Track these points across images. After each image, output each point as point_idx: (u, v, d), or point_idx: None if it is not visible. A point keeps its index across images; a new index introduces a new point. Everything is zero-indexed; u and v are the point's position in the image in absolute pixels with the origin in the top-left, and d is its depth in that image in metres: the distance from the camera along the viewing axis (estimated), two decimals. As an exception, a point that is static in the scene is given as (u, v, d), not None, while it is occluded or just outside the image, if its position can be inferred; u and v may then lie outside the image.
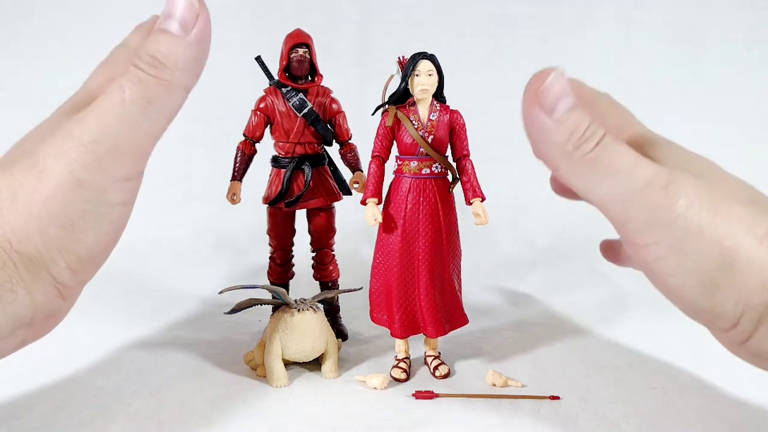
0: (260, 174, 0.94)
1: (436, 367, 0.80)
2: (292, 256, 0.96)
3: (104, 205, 0.40)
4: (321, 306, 0.84)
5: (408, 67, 0.75)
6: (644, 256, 0.41)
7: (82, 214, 0.39)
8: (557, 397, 0.73)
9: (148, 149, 0.41)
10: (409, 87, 0.76)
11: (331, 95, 0.91)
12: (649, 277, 0.44)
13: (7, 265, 0.38)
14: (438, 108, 0.78)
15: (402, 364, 0.80)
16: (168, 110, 0.41)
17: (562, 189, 0.54)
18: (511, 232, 1.42)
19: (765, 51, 1.65)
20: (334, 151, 0.94)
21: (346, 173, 0.94)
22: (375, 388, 0.76)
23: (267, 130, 0.91)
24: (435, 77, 0.76)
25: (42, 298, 0.40)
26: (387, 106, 0.79)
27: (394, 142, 0.79)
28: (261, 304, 0.81)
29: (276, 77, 0.89)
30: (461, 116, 0.79)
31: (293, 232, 0.95)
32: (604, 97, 0.48)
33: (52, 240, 0.38)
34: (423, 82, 0.75)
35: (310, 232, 0.94)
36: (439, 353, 0.83)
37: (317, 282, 0.96)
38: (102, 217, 0.40)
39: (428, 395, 0.74)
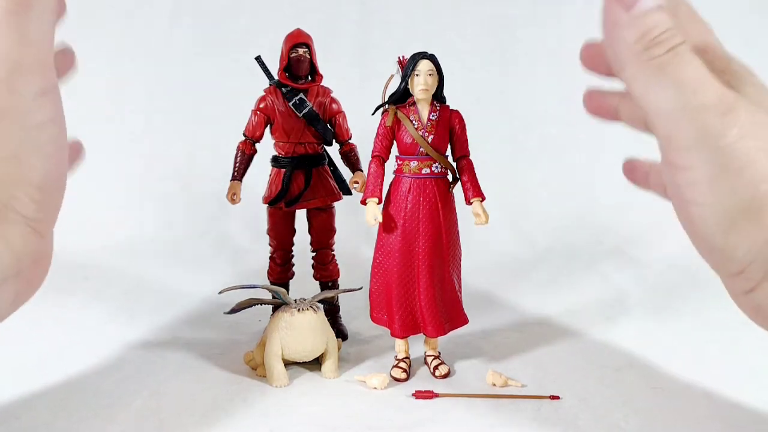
0: (260, 174, 0.94)
1: (436, 367, 0.80)
2: (292, 256, 0.96)
3: (33, 128, 0.38)
4: (321, 306, 0.84)
5: (408, 66, 0.75)
6: (678, 178, 0.40)
7: (17, 142, 0.38)
8: (557, 397, 0.73)
9: (47, 58, 0.39)
10: (409, 87, 0.76)
11: (331, 95, 0.91)
12: (674, 203, 0.43)
13: None
14: (438, 108, 0.78)
15: (402, 364, 0.80)
16: (49, 9, 0.40)
17: (596, 108, 0.51)
18: (511, 232, 1.42)
19: (765, 51, 1.65)
20: (334, 151, 0.94)
21: (346, 173, 0.94)
22: (375, 388, 0.76)
23: (267, 130, 0.91)
24: (435, 77, 0.75)
25: (19, 240, 0.39)
26: (387, 105, 0.79)
27: (394, 141, 0.79)
28: (261, 304, 0.81)
29: (276, 77, 0.89)
30: (461, 116, 0.79)
31: (293, 232, 0.95)
32: (685, 5, 0.46)
33: (1, 178, 0.37)
34: (423, 82, 0.75)
35: (310, 232, 0.94)
36: (439, 353, 0.83)
37: (317, 282, 0.96)
38: (37, 140, 0.38)
39: (428, 395, 0.74)
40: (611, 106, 0.50)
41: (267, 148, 0.92)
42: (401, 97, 0.78)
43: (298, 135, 0.89)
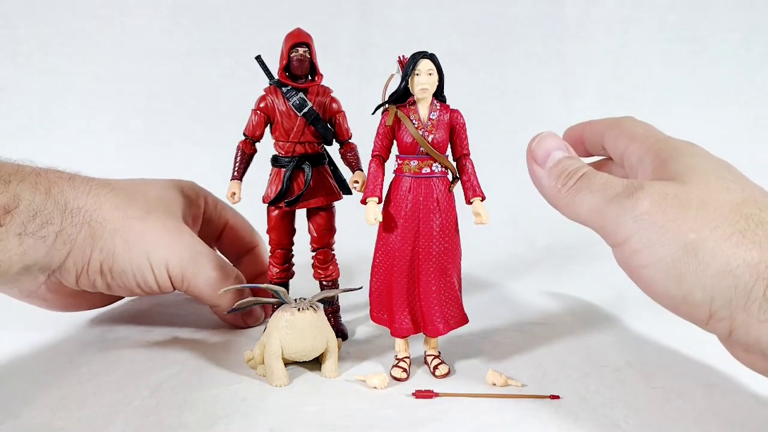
0: (260, 173, 0.94)
1: (436, 367, 0.80)
2: (292, 256, 0.96)
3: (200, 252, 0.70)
4: (321, 305, 0.84)
5: (408, 66, 0.75)
6: (622, 253, 0.49)
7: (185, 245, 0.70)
8: (557, 397, 0.73)
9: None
10: (409, 86, 0.76)
11: (332, 94, 0.91)
12: (631, 277, 0.52)
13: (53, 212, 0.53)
14: (438, 107, 0.78)
15: (402, 364, 0.80)
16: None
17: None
18: (511, 232, 1.42)
19: (765, 51, 1.65)
20: (334, 150, 0.94)
21: (346, 173, 0.94)
22: (375, 387, 0.76)
23: (267, 130, 0.91)
24: (435, 76, 0.75)
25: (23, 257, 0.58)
26: (387, 105, 0.79)
27: (395, 141, 0.79)
28: (261, 304, 0.81)
29: (276, 76, 0.89)
30: (461, 115, 0.79)
31: (293, 231, 0.95)
32: (627, 118, 0.62)
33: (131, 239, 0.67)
34: (423, 82, 0.75)
35: (310, 231, 0.94)
36: (439, 353, 0.83)
37: (317, 282, 0.96)
38: (196, 260, 0.74)
39: (428, 395, 0.74)
40: None
41: (267, 147, 0.92)
42: (401, 97, 0.78)
43: (298, 134, 0.89)
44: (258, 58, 0.91)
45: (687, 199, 0.45)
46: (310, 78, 0.90)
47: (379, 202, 0.78)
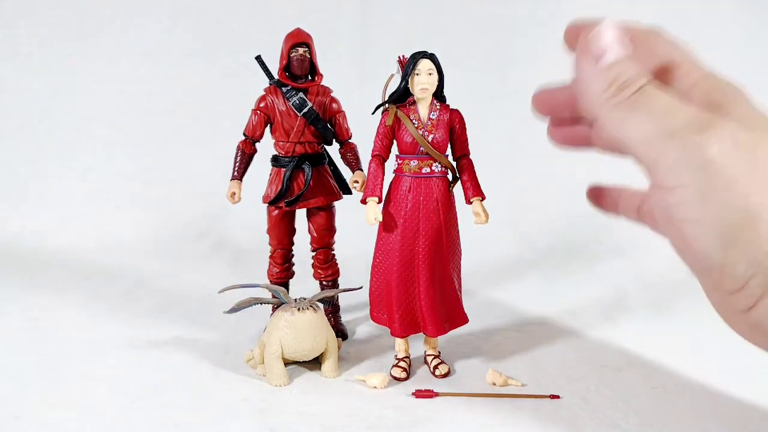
0: (260, 173, 0.94)
1: (436, 367, 0.80)
2: (292, 256, 0.96)
3: None
4: (321, 305, 0.84)
5: (408, 66, 0.75)
6: (668, 199, 0.41)
7: None
8: (557, 397, 0.73)
9: None
10: (410, 86, 0.76)
11: (331, 94, 0.91)
12: (662, 225, 0.43)
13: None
14: (438, 107, 0.78)
15: (402, 363, 0.80)
16: None
17: (566, 138, 0.53)
18: (511, 232, 1.42)
19: (765, 51, 1.65)
20: (334, 150, 0.94)
21: (346, 172, 0.94)
22: (375, 387, 0.76)
23: (267, 130, 0.91)
24: (435, 76, 0.75)
25: None
26: (387, 105, 0.79)
27: (395, 141, 0.79)
28: (261, 304, 0.81)
29: (276, 76, 0.89)
30: (461, 115, 0.79)
31: (293, 231, 0.95)
32: (654, 33, 0.48)
33: None
34: (423, 81, 0.75)
35: (310, 231, 0.94)
36: (439, 352, 0.83)
37: (317, 281, 0.96)
38: None
39: (428, 394, 0.74)
40: (583, 134, 0.52)
41: (267, 147, 0.92)
42: (401, 97, 0.78)
43: (298, 134, 0.89)
44: (258, 58, 0.91)
45: (756, 150, 0.38)
46: (310, 78, 0.90)
47: (379, 201, 0.78)
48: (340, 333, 0.92)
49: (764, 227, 0.38)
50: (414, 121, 0.77)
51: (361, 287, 0.85)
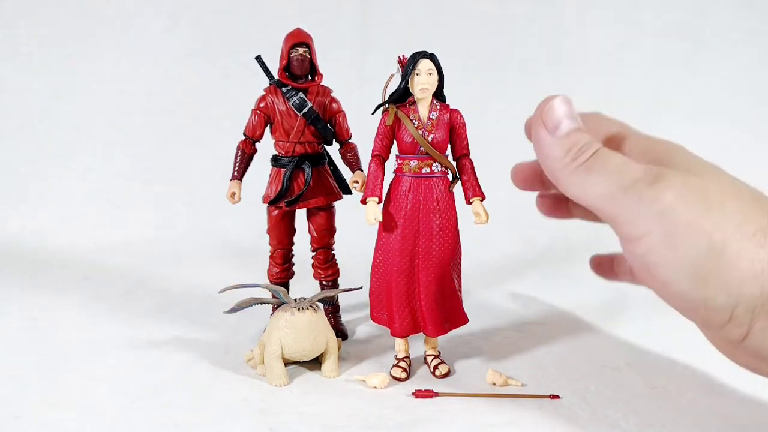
0: (260, 173, 0.94)
1: (436, 367, 0.80)
2: (292, 256, 0.96)
3: None
4: (321, 305, 0.84)
5: (408, 66, 0.75)
6: (637, 249, 0.44)
7: None
8: (557, 397, 0.73)
9: None
10: (409, 86, 0.76)
11: (331, 94, 0.91)
12: (641, 276, 0.46)
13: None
14: (438, 107, 0.78)
15: (402, 364, 0.80)
16: None
17: (550, 210, 0.59)
18: (511, 231, 1.42)
19: (765, 51, 1.65)
20: (334, 150, 0.94)
21: (346, 172, 0.94)
22: (375, 387, 0.76)
23: (267, 130, 0.91)
24: (435, 76, 0.75)
25: None
26: (387, 105, 0.79)
27: (395, 141, 0.79)
28: (261, 303, 0.81)
29: (276, 76, 0.89)
30: (461, 115, 0.79)
31: (293, 231, 0.95)
32: (597, 114, 0.54)
33: None
34: (423, 81, 0.75)
35: (310, 231, 0.94)
36: (439, 352, 0.83)
37: (317, 281, 0.96)
38: None
39: (428, 394, 0.74)
40: (563, 207, 0.60)
41: (267, 147, 0.92)
42: (401, 97, 0.78)
43: (298, 134, 0.89)
44: (258, 58, 0.91)
45: (707, 193, 0.41)
46: (310, 78, 0.90)
47: (379, 201, 0.78)
48: (340, 333, 0.92)
49: (731, 258, 0.40)
50: (414, 121, 0.77)
51: (361, 287, 0.85)
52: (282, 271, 0.95)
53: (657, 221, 0.41)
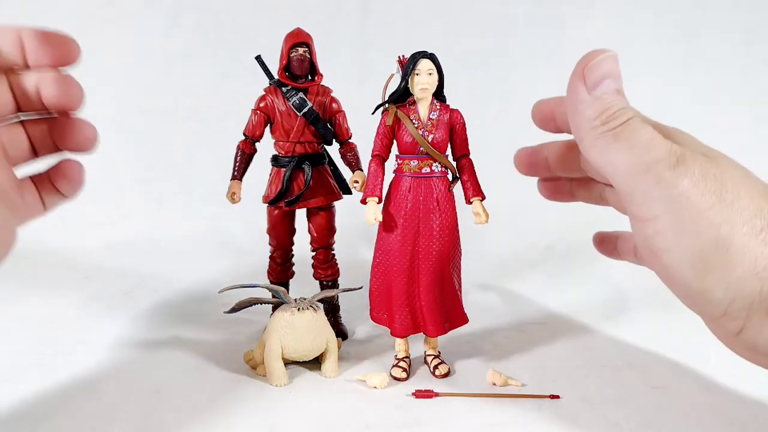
0: (260, 173, 0.94)
1: (436, 367, 0.80)
2: (292, 256, 0.96)
3: None
4: (321, 305, 0.84)
5: (408, 66, 0.75)
6: (645, 230, 0.43)
7: None
8: (557, 397, 0.73)
9: None
10: (409, 86, 0.76)
11: (331, 94, 0.91)
12: (645, 256, 0.46)
13: None
14: (438, 107, 0.78)
15: (402, 364, 0.80)
16: None
17: (553, 193, 0.57)
18: (511, 232, 1.42)
19: (765, 51, 1.65)
20: (334, 150, 0.94)
21: (346, 172, 0.94)
22: (375, 387, 0.76)
23: (267, 130, 0.91)
24: (435, 76, 0.75)
25: None
26: (387, 105, 0.79)
27: (394, 141, 0.79)
28: (261, 303, 0.81)
29: (276, 76, 0.89)
30: (461, 115, 0.79)
31: (293, 231, 0.95)
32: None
33: None
34: (423, 81, 0.75)
35: (310, 231, 0.94)
36: (439, 352, 0.83)
37: (317, 281, 0.96)
38: None
39: (428, 394, 0.74)
40: (566, 190, 0.58)
41: (267, 147, 0.92)
42: (401, 97, 0.78)
43: (298, 134, 0.89)
44: (258, 58, 0.91)
45: (722, 183, 0.40)
46: (310, 78, 0.90)
47: (379, 201, 0.78)
48: (340, 333, 0.92)
49: (734, 254, 0.39)
50: (414, 121, 0.77)
51: (361, 287, 0.85)
52: (282, 271, 0.95)
53: (669, 206, 0.41)
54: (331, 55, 1.09)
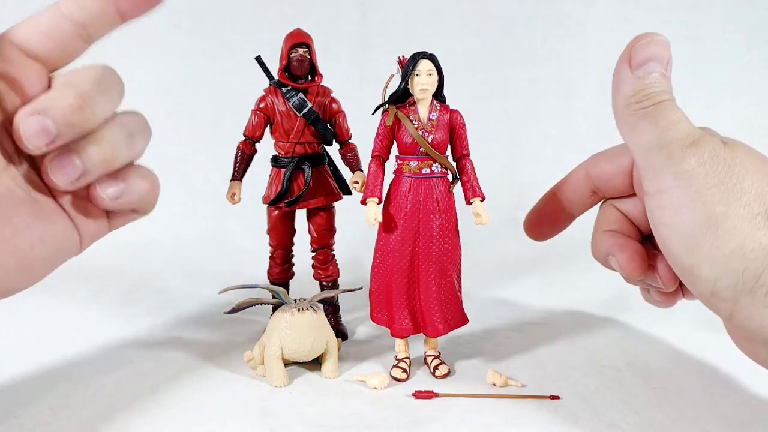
0: (260, 174, 0.94)
1: (436, 367, 0.80)
2: (292, 256, 0.96)
3: None
4: (321, 306, 0.84)
5: (408, 66, 0.75)
6: (650, 202, 0.45)
7: None
8: (557, 397, 0.73)
9: None
10: (409, 86, 0.76)
11: (331, 95, 0.91)
12: (652, 228, 0.47)
13: None
14: (438, 107, 0.78)
15: (402, 364, 0.80)
16: None
17: (643, 264, 0.55)
18: (511, 232, 1.42)
19: (765, 51, 1.65)
20: (334, 150, 0.94)
21: (346, 173, 0.94)
22: (375, 387, 0.76)
23: (267, 130, 0.91)
24: (435, 77, 0.75)
25: None
26: (387, 105, 0.79)
27: (394, 141, 0.79)
28: (261, 304, 0.81)
29: (276, 77, 0.89)
30: (461, 116, 0.79)
31: (293, 231, 0.95)
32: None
33: None
34: (423, 82, 0.75)
35: (310, 231, 0.94)
36: (439, 353, 0.83)
37: (317, 282, 0.96)
38: None
39: (428, 395, 0.74)
40: (647, 253, 0.54)
41: (267, 147, 0.92)
42: (401, 97, 0.78)
43: (298, 135, 0.89)
44: (258, 58, 0.91)
45: (730, 167, 0.42)
46: (309, 78, 0.90)
47: (379, 202, 0.78)
48: (340, 333, 0.92)
49: (724, 233, 0.41)
50: (414, 121, 0.77)
51: (361, 288, 0.85)
52: (282, 271, 0.95)
53: (673, 182, 0.43)
54: (331, 56, 1.09)
